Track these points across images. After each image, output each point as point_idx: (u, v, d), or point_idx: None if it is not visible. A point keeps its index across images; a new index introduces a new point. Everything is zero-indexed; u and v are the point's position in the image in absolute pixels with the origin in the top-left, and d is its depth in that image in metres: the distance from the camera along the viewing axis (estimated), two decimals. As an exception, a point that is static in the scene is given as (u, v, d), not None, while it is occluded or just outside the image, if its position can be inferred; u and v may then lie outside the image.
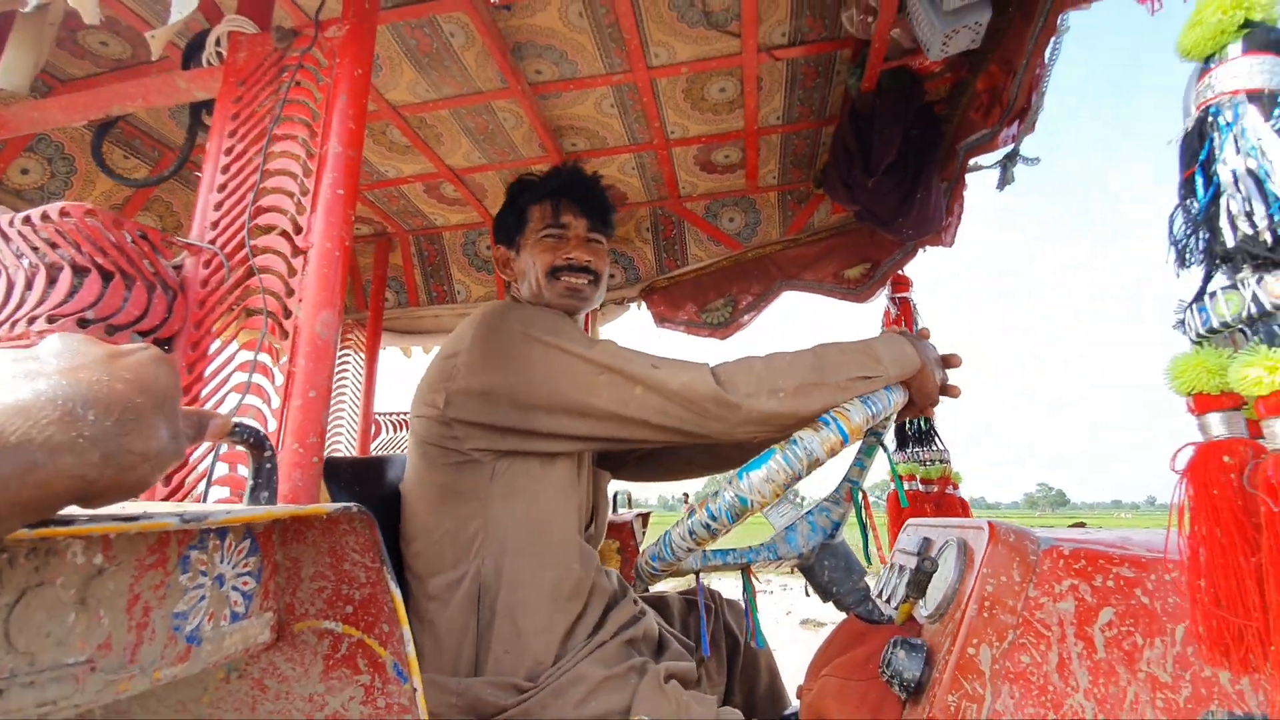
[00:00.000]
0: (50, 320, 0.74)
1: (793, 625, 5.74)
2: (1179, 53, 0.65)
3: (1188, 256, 0.60)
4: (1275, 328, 0.53)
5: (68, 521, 0.38)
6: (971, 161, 1.54)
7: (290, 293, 0.84)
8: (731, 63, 1.53)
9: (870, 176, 1.43)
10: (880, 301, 2.03)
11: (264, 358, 0.82)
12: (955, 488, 1.76)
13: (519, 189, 1.34)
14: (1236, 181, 0.56)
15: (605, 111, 1.73)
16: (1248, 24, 0.61)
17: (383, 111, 1.68)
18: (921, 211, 1.44)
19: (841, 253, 2.06)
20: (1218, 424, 0.56)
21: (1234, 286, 0.56)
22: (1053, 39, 1.14)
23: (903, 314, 1.95)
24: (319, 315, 0.82)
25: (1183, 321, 0.61)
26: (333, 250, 0.84)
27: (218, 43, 0.98)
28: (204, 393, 0.84)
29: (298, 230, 0.86)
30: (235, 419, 0.58)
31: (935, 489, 1.76)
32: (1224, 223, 0.56)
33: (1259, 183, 0.54)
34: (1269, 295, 0.53)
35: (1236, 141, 0.57)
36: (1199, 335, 0.59)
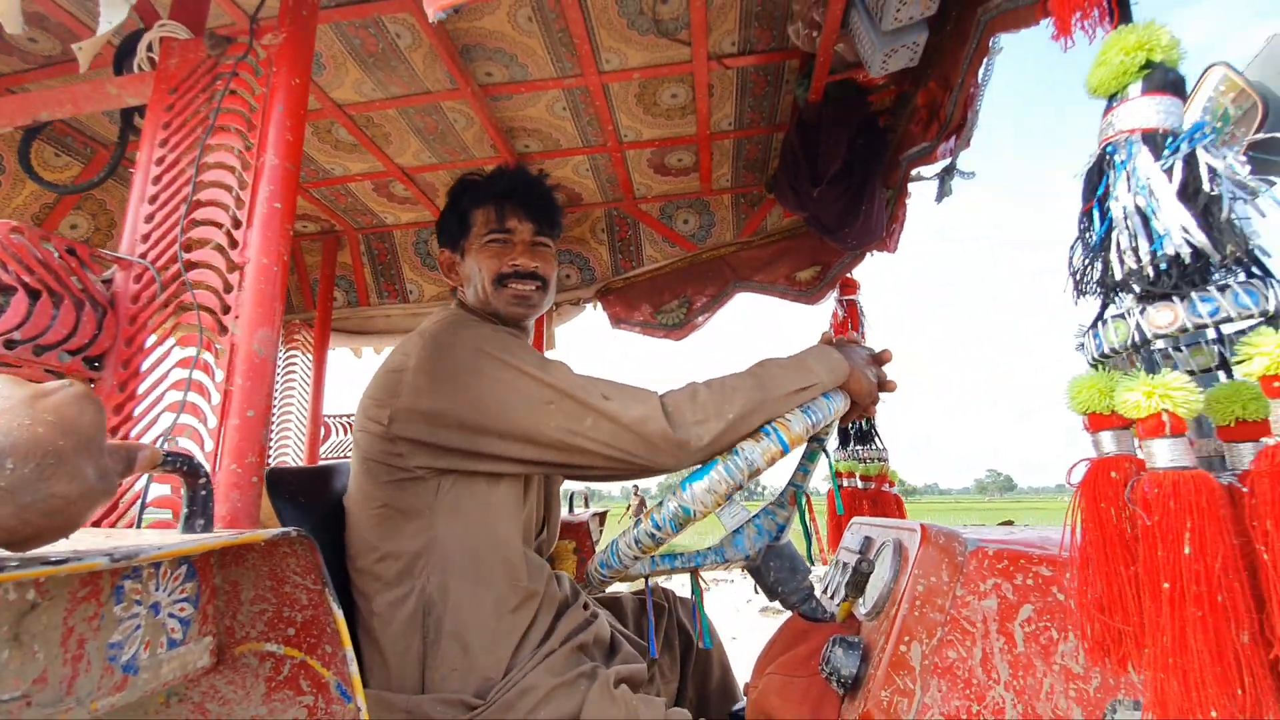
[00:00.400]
0: (-31, 341, 0.71)
1: (752, 613, 5.88)
2: (1088, 90, 0.70)
3: (1084, 286, 0.64)
4: (1155, 356, 0.57)
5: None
6: (915, 172, 1.60)
7: (226, 309, 0.82)
8: (683, 70, 1.55)
9: (816, 185, 1.47)
10: (829, 303, 2.09)
11: (200, 376, 0.81)
12: (891, 485, 1.84)
13: (461, 190, 1.30)
14: (1126, 218, 0.60)
15: (557, 114, 1.72)
16: (1149, 64, 0.65)
17: (327, 110, 1.64)
18: (865, 222, 1.49)
19: (793, 255, 2.11)
20: (1108, 441, 0.61)
21: (1122, 316, 0.60)
22: (985, 59, 1.19)
23: (849, 316, 2.01)
24: (256, 333, 0.81)
25: (1082, 345, 0.65)
26: (270, 266, 0.83)
27: (150, 48, 0.95)
28: (137, 410, 0.82)
29: (233, 244, 0.84)
30: (166, 449, 0.57)
31: (873, 485, 1.83)
32: (1114, 256, 0.60)
33: (1145, 220, 0.59)
34: (1150, 325, 0.57)
35: (1129, 179, 0.61)
36: (1094, 359, 0.63)
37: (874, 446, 1.84)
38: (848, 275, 2.07)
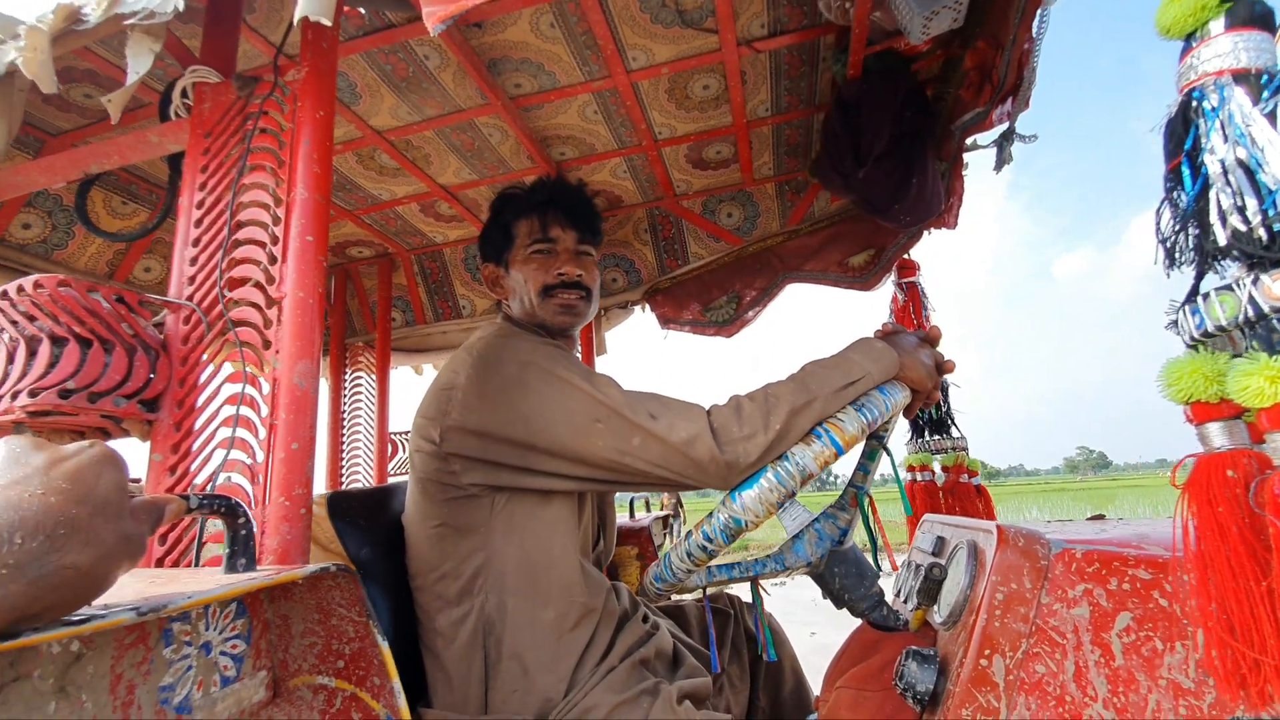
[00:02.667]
0: (32, 394, 0.75)
1: (828, 606, 5.71)
2: (1158, 31, 0.61)
3: (1177, 255, 0.56)
4: (1274, 331, 0.49)
5: (12, 635, 0.38)
6: (970, 140, 1.48)
7: (267, 344, 0.83)
8: (712, 59, 1.49)
9: (861, 166, 1.39)
10: (887, 288, 1.98)
11: (246, 411, 0.83)
12: (973, 475, 1.71)
13: (502, 204, 1.32)
14: (1226, 173, 0.52)
15: (589, 118, 1.70)
16: (1230, -4, 0.56)
17: (369, 138, 1.67)
18: (919, 196, 1.40)
19: (844, 240, 2.02)
20: (1218, 434, 0.53)
21: (1228, 287, 0.52)
22: (1040, 10, 1.08)
23: (910, 299, 1.90)
24: (296, 366, 0.82)
25: (1175, 323, 0.57)
26: (306, 299, 0.84)
27: (184, 94, 0.98)
28: (194, 446, 0.85)
29: (270, 280, 0.85)
30: (201, 493, 0.58)
31: (949, 477, 1.72)
32: (1215, 218, 0.52)
33: (1250, 174, 0.50)
34: (1266, 297, 0.49)
35: (1224, 128, 0.53)
36: (1193, 339, 0.55)
37: (950, 436, 1.73)
38: (905, 257, 1.95)
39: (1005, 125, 1.31)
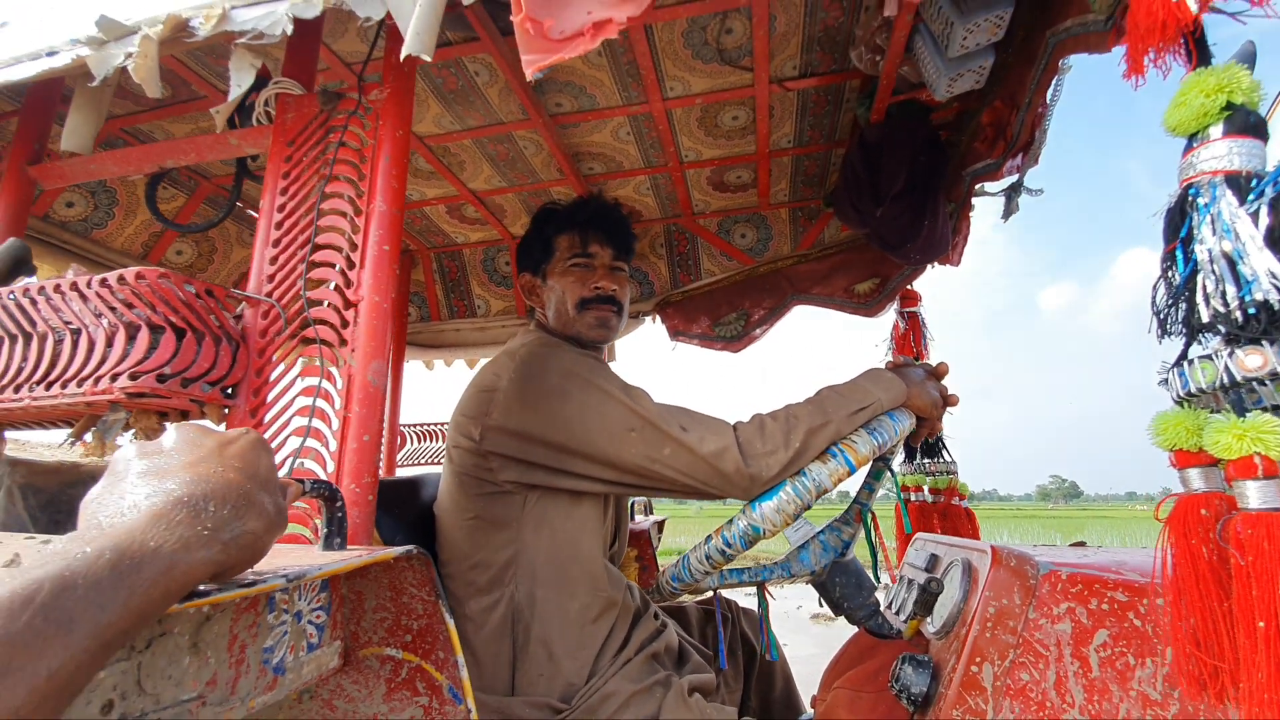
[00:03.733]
0: (132, 377, 0.82)
1: (803, 619, 5.84)
2: (1166, 128, 0.71)
3: (1169, 325, 0.65)
4: (1244, 397, 0.59)
5: (206, 594, 0.46)
6: (978, 186, 1.59)
7: (343, 343, 0.91)
8: (744, 94, 1.59)
9: (879, 205, 1.49)
10: (889, 316, 2.08)
11: (321, 403, 0.90)
12: (961, 499, 1.82)
13: (545, 218, 1.39)
14: (1212, 261, 0.61)
15: (621, 139, 1.79)
16: (1229, 106, 0.66)
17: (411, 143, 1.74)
18: (929, 236, 1.50)
19: (852, 268, 2.12)
20: (1196, 479, 0.62)
21: (1209, 356, 0.62)
22: (1055, 79, 1.19)
23: (911, 328, 2.01)
24: (370, 364, 0.89)
25: (1166, 381, 0.67)
26: (380, 303, 0.91)
27: (266, 103, 1.05)
28: (266, 435, 0.92)
29: (348, 284, 0.93)
30: (307, 478, 0.65)
31: (942, 499, 1.82)
32: (1200, 298, 0.62)
33: (1232, 264, 0.60)
34: (1239, 368, 0.59)
35: (1213, 223, 0.63)
36: (1179, 397, 0.65)
37: (942, 459, 1.84)
38: (908, 287, 2.06)
39: (1014, 178, 1.42)
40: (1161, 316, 0.67)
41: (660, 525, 2.37)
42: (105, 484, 0.47)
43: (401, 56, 0.78)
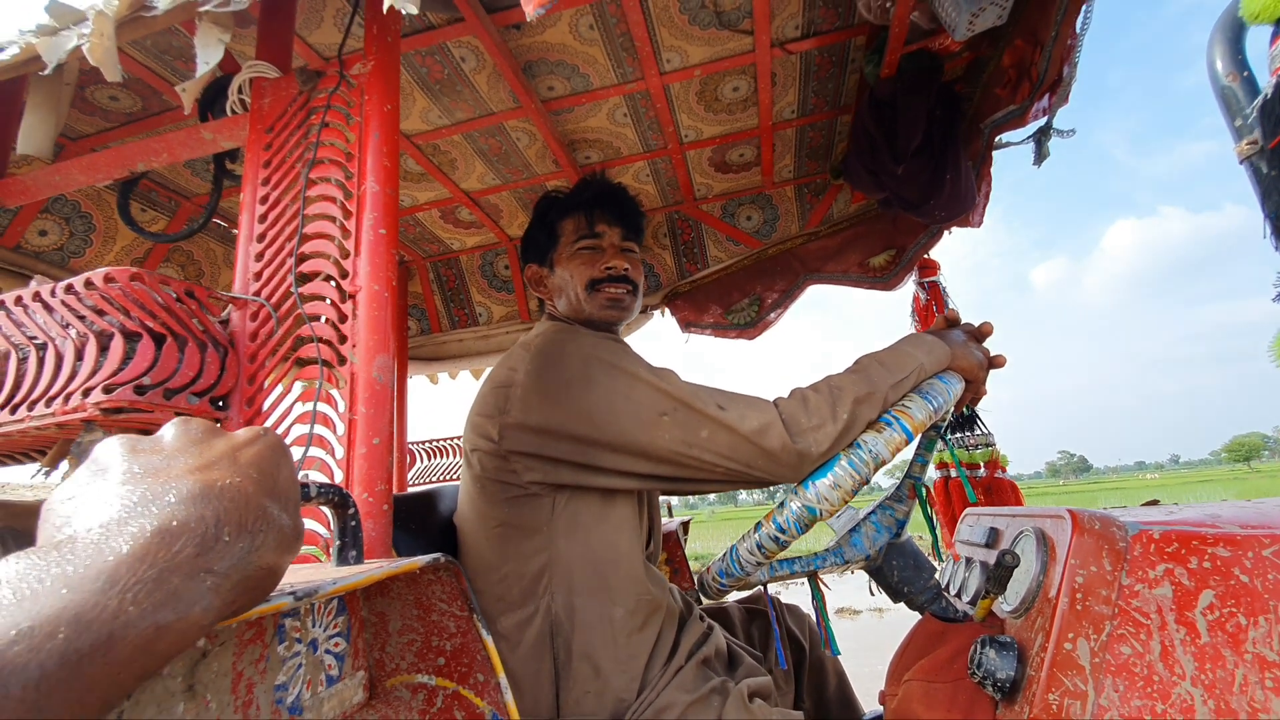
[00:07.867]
0: (107, 390, 0.73)
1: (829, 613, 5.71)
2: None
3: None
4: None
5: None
6: (998, 139, 1.51)
7: (343, 339, 0.82)
8: (744, 61, 1.51)
9: (898, 163, 1.40)
10: (909, 288, 2.00)
11: (323, 407, 0.81)
12: (1004, 470, 1.73)
13: (547, 205, 1.31)
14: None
15: (618, 121, 1.71)
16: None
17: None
18: (954, 192, 1.41)
19: (865, 241, 2.03)
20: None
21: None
22: (1084, 6, 1.11)
23: (932, 298, 1.92)
24: (374, 360, 0.80)
25: (1287, 295, 0.58)
26: (381, 291, 0.82)
27: (240, 90, 0.97)
28: (262, 447, 0.83)
29: (344, 274, 0.84)
30: (312, 484, 0.55)
31: (984, 473, 1.73)
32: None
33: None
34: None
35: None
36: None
37: (978, 432, 1.75)
38: (926, 256, 1.98)
39: (1042, 121, 1.34)
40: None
41: (685, 525, 2.27)
42: (83, 479, 0.36)
43: (384, 6, 0.70)
